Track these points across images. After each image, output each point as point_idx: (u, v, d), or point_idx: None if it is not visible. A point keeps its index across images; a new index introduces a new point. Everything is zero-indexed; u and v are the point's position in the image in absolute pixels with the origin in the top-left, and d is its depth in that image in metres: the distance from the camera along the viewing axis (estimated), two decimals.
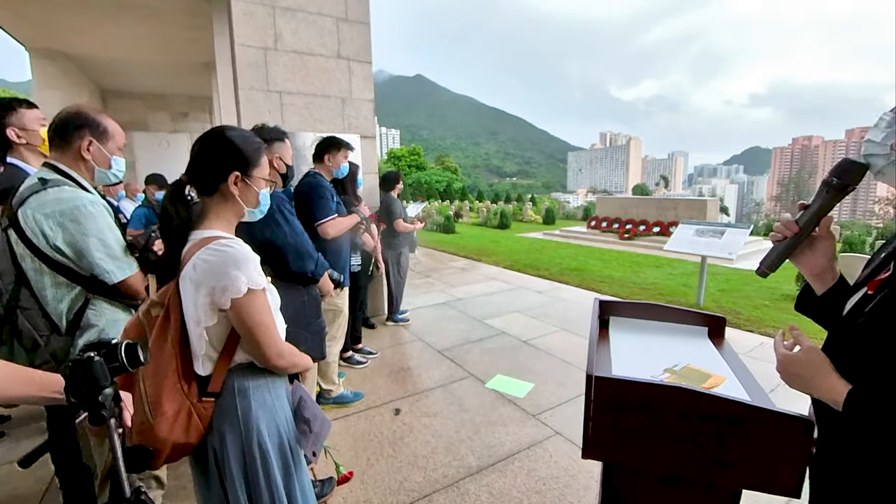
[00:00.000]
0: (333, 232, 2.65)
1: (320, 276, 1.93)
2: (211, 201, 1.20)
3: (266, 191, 1.28)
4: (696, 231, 6.03)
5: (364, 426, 2.77)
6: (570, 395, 3.12)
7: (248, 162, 1.21)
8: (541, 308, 5.25)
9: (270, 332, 1.15)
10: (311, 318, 1.86)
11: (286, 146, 2.00)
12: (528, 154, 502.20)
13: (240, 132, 1.22)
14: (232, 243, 1.11)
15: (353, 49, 4.36)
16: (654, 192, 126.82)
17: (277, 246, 1.79)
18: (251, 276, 1.10)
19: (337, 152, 2.80)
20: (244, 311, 1.10)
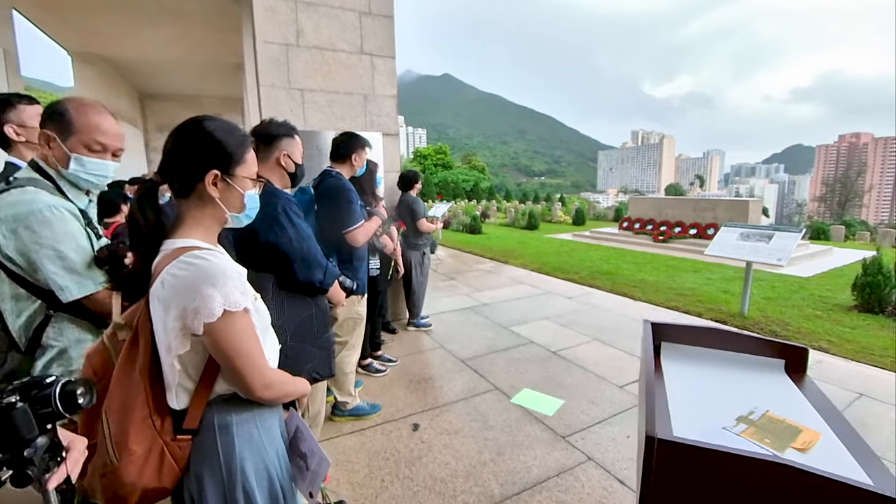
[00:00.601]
0: (364, 239, 2.48)
1: (329, 286, 1.76)
2: (187, 205, 1.03)
3: (253, 192, 1.10)
4: (740, 234, 5.60)
5: (380, 442, 2.60)
6: (604, 414, 2.86)
7: (230, 158, 1.03)
8: (571, 315, 4.97)
9: (254, 359, 0.98)
10: (319, 332, 1.68)
11: (296, 143, 1.84)
12: (557, 153, 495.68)
13: (221, 123, 1.05)
14: (207, 255, 0.94)
15: (375, 44, 4.20)
16: (689, 192, 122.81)
17: (282, 252, 1.63)
18: (229, 295, 0.93)
19: (363, 151, 2.62)
20: (220, 337, 0.93)
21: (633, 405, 2.96)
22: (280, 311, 1.56)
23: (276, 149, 1.76)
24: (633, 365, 3.60)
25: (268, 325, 1.14)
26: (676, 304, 5.69)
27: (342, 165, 2.60)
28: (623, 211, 19.66)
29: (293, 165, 1.81)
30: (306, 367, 1.60)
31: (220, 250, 1.01)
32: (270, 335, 1.18)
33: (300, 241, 1.65)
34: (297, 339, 1.58)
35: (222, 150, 1.02)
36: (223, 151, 1.02)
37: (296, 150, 1.82)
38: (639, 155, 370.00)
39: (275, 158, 1.76)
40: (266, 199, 1.65)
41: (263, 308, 1.11)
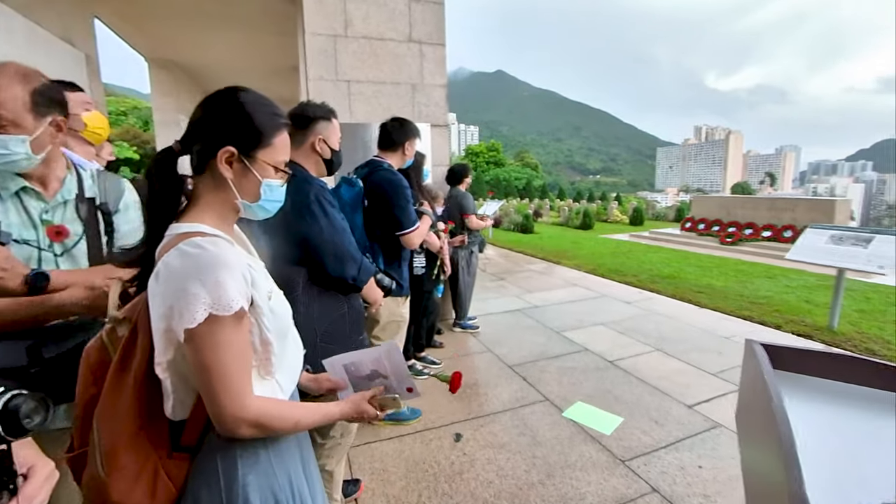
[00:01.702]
0: (419, 241, 2.31)
1: (363, 284, 1.60)
2: (202, 184, 0.89)
3: (276, 182, 0.94)
4: (830, 238, 4.94)
5: (419, 451, 2.43)
6: (670, 437, 2.53)
7: (254, 137, 0.88)
8: (629, 321, 4.58)
9: (229, 381, 0.80)
10: (352, 334, 1.53)
11: (333, 127, 1.68)
12: (613, 150, 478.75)
13: (258, 98, 0.91)
14: (208, 243, 0.79)
15: (425, 31, 4.03)
16: (758, 191, 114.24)
17: (312, 244, 1.49)
18: (219, 295, 0.76)
19: (415, 140, 2.40)
20: (196, 347, 0.77)
21: (704, 429, 2.61)
22: (310, 307, 1.44)
23: (311, 133, 1.62)
24: (701, 381, 3.21)
25: (286, 326, 0.98)
26: (750, 313, 5.12)
27: (392, 155, 2.34)
28: (685, 210, 18.45)
29: (329, 152, 1.66)
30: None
31: (229, 239, 0.85)
32: (291, 339, 1.02)
33: (332, 234, 1.50)
34: (327, 340, 1.43)
35: (247, 126, 0.88)
36: (248, 127, 0.88)
37: (333, 134, 1.66)
38: (702, 152, 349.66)
39: (310, 143, 1.62)
40: (298, 187, 1.51)
41: (281, 307, 0.96)
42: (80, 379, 0.88)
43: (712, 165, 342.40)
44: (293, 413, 0.90)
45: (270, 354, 0.89)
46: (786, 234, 10.43)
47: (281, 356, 0.93)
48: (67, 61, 4.68)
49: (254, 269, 0.89)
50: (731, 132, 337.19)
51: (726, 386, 3.14)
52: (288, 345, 0.98)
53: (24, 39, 4.99)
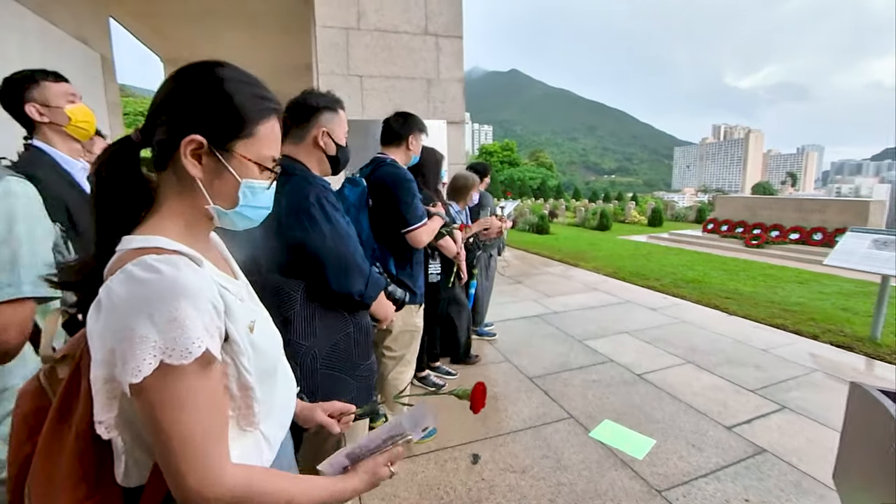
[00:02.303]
0: (427, 239, 2.12)
1: (372, 300, 1.39)
2: (165, 184, 0.70)
3: (260, 184, 0.74)
4: (873, 242, 4.61)
5: (434, 474, 2.23)
6: (709, 464, 2.29)
7: (231, 123, 0.69)
8: (656, 330, 4.32)
9: (192, 448, 0.59)
10: (359, 358, 1.33)
11: (339, 118, 1.48)
12: (629, 150, 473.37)
13: (240, 74, 0.71)
14: (164, 264, 0.59)
15: (441, 24, 3.84)
16: (780, 191, 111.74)
17: (312, 253, 1.29)
18: (176, 337, 0.57)
19: (420, 134, 2.23)
20: (146, 404, 0.58)
21: (748, 455, 2.36)
22: (309, 328, 1.24)
23: (314, 125, 1.42)
24: (740, 399, 2.96)
25: (274, 363, 0.79)
26: (783, 321, 4.81)
27: (396, 150, 2.20)
28: (706, 211, 17.95)
29: (334, 147, 1.45)
30: (344, 399, 1.26)
31: (196, 256, 0.66)
32: (281, 377, 0.83)
33: (336, 241, 1.29)
34: (328, 366, 1.23)
35: (223, 109, 0.68)
36: (223, 111, 0.68)
37: (339, 127, 1.46)
38: (720, 151, 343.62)
39: (312, 137, 1.42)
40: (296, 187, 1.32)
41: (267, 340, 0.76)
42: (12, 430, 0.70)
43: (731, 165, 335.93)
44: (286, 489, 0.69)
45: (252, 401, 0.70)
46: (815, 237, 9.98)
47: (267, 401, 0.74)
48: (82, 61, 4.61)
49: (230, 294, 0.70)
50: (751, 131, 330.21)
51: (767, 405, 2.88)
52: (276, 386, 0.79)
53: (37, 40, 4.93)
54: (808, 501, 2.03)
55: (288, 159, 1.40)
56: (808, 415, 2.76)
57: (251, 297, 0.83)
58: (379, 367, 2.41)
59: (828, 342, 4.18)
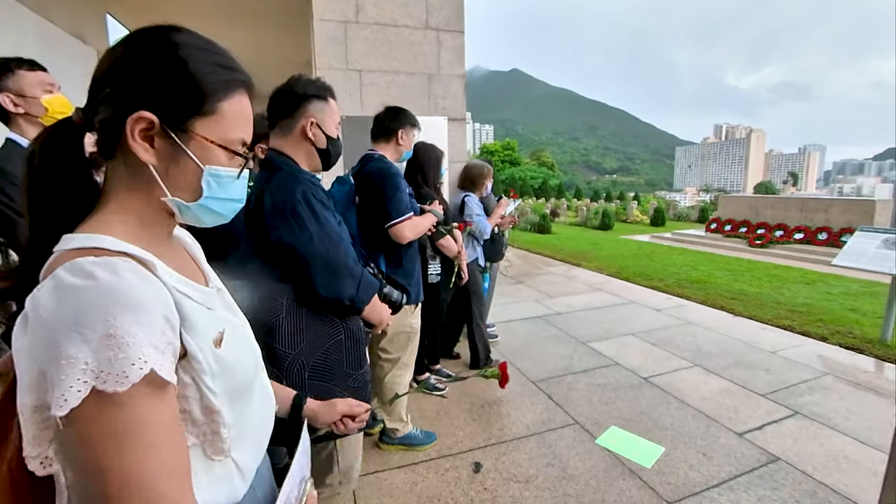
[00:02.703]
0: (412, 235, 2.05)
1: (364, 304, 1.28)
2: (113, 172, 0.60)
3: (228, 172, 0.63)
4: (883, 242, 4.51)
5: (433, 483, 2.14)
6: (722, 473, 2.19)
7: (188, 98, 0.58)
8: (662, 332, 4.22)
9: (140, 493, 0.48)
10: (351, 368, 1.23)
11: (330, 108, 1.36)
12: (630, 149, 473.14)
13: (200, 41, 0.61)
14: (103, 269, 0.49)
15: (442, 17, 3.74)
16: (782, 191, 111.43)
17: (299, 255, 1.20)
18: (111, 357, 0.46)
19: (411, 129, 2.18)
20: (78, 437, 0.47)
21: (761, 464, 2.27)
22: (296, 336, 1.13)
23: (301, 115, 1.31)
24: (750, 404, 2.86)
25: (248, 380, 0.68)
26: (790, 322, 4.71)
27: (386, 146, 2.16)
28: (709, 211, 17.84)
29: (324, 139, 1.34)
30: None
31: (146, 258, 0.55)
32: (257, 395, 0.73)
33: (325, 242, 1.19)
34: (318, 376, 1.13)
35: (178, 80, 0.57)
36: (179, 82, 0.57)
37: (329, 118, 1.35)
38: (722, 151, 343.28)
39: (300, 128, 1.31)
40: (282, 183, 1.22)
41: (237, 354, 0.65)
42: None
43: (733, 165, 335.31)
44: None
45: (220, 426, 0.60)
46: (820, 237, 9.88)
47: (238, 425, 0.64)
48: (79, 58, 4.53)
49: (194, 302, 0.60)
50: (753, 131, 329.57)
51: (779, 410, 2.78)
52: (251, 407, 0.69)
53: (34, 35, 4.84)
54: None
55: (274, 153, 1.30)
56: (821, 420, 2.66)
57: (225, 305, 0.73)
58: (375, 370, 2.33)
59: (837, 344, 4.09)
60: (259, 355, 0.76)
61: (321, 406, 0.96)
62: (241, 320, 0.75)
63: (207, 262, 0.77)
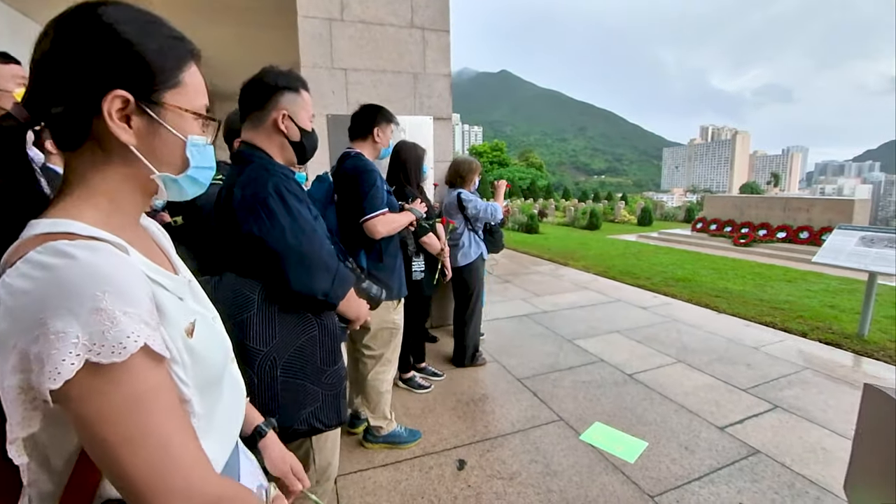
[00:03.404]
0: (385, 230, 2.04)
1: (339, 300, 1.25)
2: (79, 162, 0.58)
3: (202, 139, 0.65)
4: (860, 239, 4.60)
5: (417, 481, 2.14)
6: (703, 466, 2.22)
7: (150, 73, 0.58)
8: (647, 329, 4.26)
9: (161, 449, 0.50)
10: (325, 364, 1.20)
11: (303, 100, 1.32)
12: (618, 150, 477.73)
13: (134, 14, 0.58)
14: (80, 249, 0.49)
15: (428, 16, 3.74)
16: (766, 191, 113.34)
17: (270, 249, 1.16)
18: (104, 330, 0.47)
19: (387, 126, 2.19)
20: (81, 412, 0.48)
21: (741, 456, 2.30)
22: (268, 332, 1.12)
23: (273, 107, 1.28)
24: (732, 398, 2.90)
25: (218, 372, 0.67)
26: (772, 319, 4.80)
27: (363, 144, 2.17)
28: (695, 211, 18.09)
29: (297, 132, 1.31)
30: (303, 411, 1.13)
31: (119, 243, 0.54)
32: (227, 386, 0.72)
33: (298, 236, 1.17)
34: (291, 373, 1.12)
35: (138, 55, 0.56)
36: (140, 57, 0.56)
37: (302, 110, 1.32)
38: (708, 152, 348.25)
39: (271, 121, 1.28)
40: (254, 176, 1.20)
41: (208, 344, 0.64)
42: None
43: (719, 166, 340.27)
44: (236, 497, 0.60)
45: (190, 417, 0.59)
46: (802, 236, 10.08)
47: (208, 416, 0.63)
48: None
49: (166, 291, 0.59)
50: (738, 132, 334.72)
51: (760, 404, 2.83)
52: (220, 398, 0.68)
53: (8, 30, 4.74)
54: (804, 503, 1.97)
55: (246, 145, 1.28)
56: (800, 413, 2.71)
57: (195, 296, 0.72)
58: (357, 367, 2.32)
59: (816, 340, 4.16)
60: (230, 347, 0.75)
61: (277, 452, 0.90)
62: (211, 313, 0.74)
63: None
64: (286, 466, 0.90)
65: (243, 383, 0.80)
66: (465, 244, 3.19)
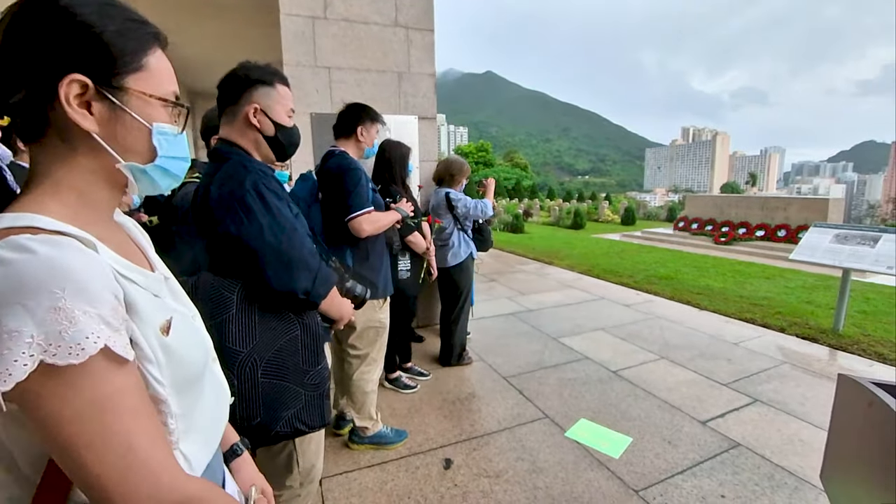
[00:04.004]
0: (370, 229, 2.03)
1: (321, 298, 1.23)
2: (42, 155, 0.56)
3: (172, 128, 0.62)
4: (835, 237, 4.73)
5: (404, 481, 2.13)
6: (686, 461, 2.26)
7: (116, 53, 0.55)
8: (631, 326, 4.32)
9: (124, 453, 0.49)
10: (308, 364, 1.17)
11: (278, 94, 1.27)
12: (602, 151, 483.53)
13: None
14: (41, 244, 0.47)
15: (412, 15, 3.73)
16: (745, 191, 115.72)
17: (249, 248, 1.13)
18: (61, 330, 0.45)
19: (372, 125, 2.17)
20: (40, 415, 0.46)
21: (722, 450, 2.34)
22: (248, 333, 1.10)
23: (244, 101, 1.24)
24: (713, 393, 2.95)
25: (198, 370, 0.65)
26: (752, 315, 4.90)
27: (347, 142, 2.16)
28: (677, 210, 18.38)
29: (271, 127, 1.26)
30: (286, 413, 1.12)
31: (86, 237, 0.52)
32: (208, 385, 0.70)
33: (276, 234, 1.15)
34: (272, 374, 1.10)
35: (89, 39, 0.53)
36: (92, 41, 0.54)
37: (278, 104, 1.27)
38: (689, 153, 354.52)
39: (243, 115, 1.24)
40: (231, 173, 1.18)
41: (186, 341, 0.62)
42: None
43: (700, 166, 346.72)
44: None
45: (166, 417, 0.58)
46: (780, 234, 10.32)
47: (187, 416, 0.62)
48: None
49: (138, 287, 0.57)
50: (718, 133, 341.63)
51: (740, 398, 2.88)
52: (201, 397, 0.66)
53: None
54: (782, 494, 2.02)
55: (223, 143, 1.26)
56: (778, 407, 2.78)
57: (173, 293, 0.70)
58: (343, 367, 2.30)
59: (794, 334, 4.27)
60: (210, 347, 0.74)
61: (250, 472, 0.88)
62: (191, 311, 0.73)
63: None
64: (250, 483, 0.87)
65: (227, 384, 0.78)
66: (454, 244, 3.19)
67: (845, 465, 0.72)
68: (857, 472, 0.70)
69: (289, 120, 1.30)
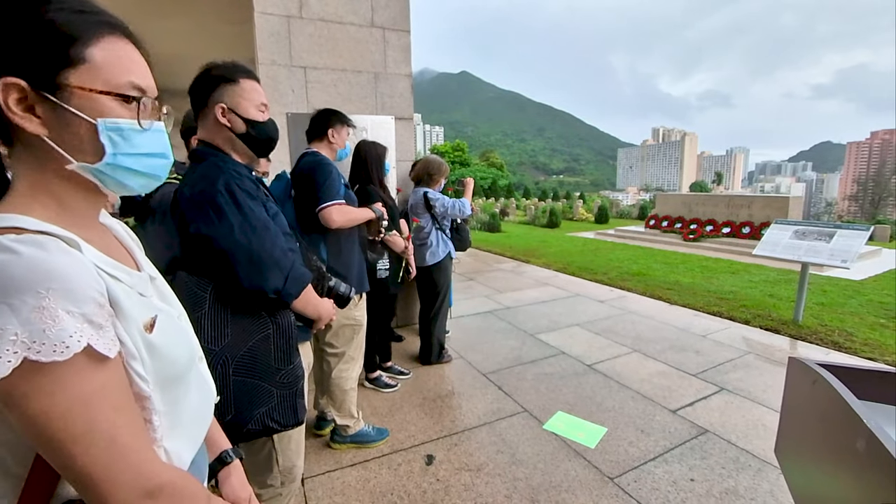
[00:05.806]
0: (340, 219, 2.04)
1: (293, 297, 1.24)
2: (15, 158, 0.56)
3: (129, 122, 0.59)
4: (794, 233, 4.97)
5: (386, 479, 2.15)
6: (657, 448, 2.36)
7: (50, 49, 0.53)
8: (605, 321, 4.44)
9: (111, 445, 0.51)
10: (280, 363, 1.18)
11: (241, 89, 1.25)
12: (576, 151, 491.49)
13: None
14: (24, 244, 0.48)
15: (388, 16, 3.75)
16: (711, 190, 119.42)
17: (220, 248, 1.15)
18: (44, 328, 0.46)
19: (342, 127, 2.24)
20: (26, 411, 0.47)
21: (692, 436, 2.46)
22: (220, 331, 1.12)
23: (211, 103, 1.24)
24: (682, 383, 3.08)
25: (182, 368, 0.66)
26: (719, 308, 5.11)
27: (320, 144, 2.22)
28: (649, 209, 18.88)
29: (242, 124, 1.25)
30: (258, 411, 1.14)
31: (70, 238, 0.54)
32: (194, 383, 0.71)
33: (247, 233, 1.16)
34: (243, 373, 1.12)
35: (19, 40, 0.52)
36: (21, 42, 0.52)
37: (243, 100, 1.25)
38: (659, 152, 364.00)
39: (213, 117, 1.24)
40: (204, 174, 1.18)
41: (171, 339, 0.64)
42: None
43: (669, 165, 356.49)
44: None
45: (150, 414, 0.59)
46: (744, 231, 10.74)
47: (171, 413, 0.63)
48: None
49: (124, 285, 0.58)
50: (687, 134, 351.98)
51: (708, 387, 3.02)
52: (186, 394, 0.68)
53: None
54: (747, 475, 2.13)
55: (201, 144, 1.27)
56: (743, 394, 2.92)
57: (160, 293, 0.71)
58: (321, 365, 2.31)
59: (758, 326, 4.47)
60: (197, 347, 0.75)
61: (238, 482, 0.87)
62: (177, 311, 0.74)
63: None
64: (246, 494, 0.87)
65: (213, 384, 0.80)
66: (432, 243, 3.22)
67: (795, 440, 0.79)
68: (805, 445, 0.77)
69: (260, 115, 1.28)
